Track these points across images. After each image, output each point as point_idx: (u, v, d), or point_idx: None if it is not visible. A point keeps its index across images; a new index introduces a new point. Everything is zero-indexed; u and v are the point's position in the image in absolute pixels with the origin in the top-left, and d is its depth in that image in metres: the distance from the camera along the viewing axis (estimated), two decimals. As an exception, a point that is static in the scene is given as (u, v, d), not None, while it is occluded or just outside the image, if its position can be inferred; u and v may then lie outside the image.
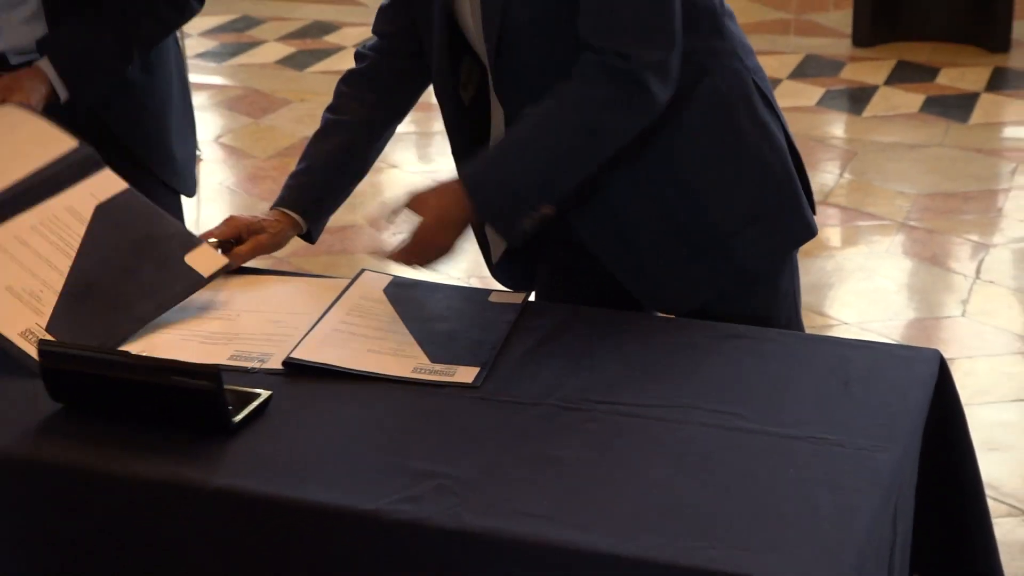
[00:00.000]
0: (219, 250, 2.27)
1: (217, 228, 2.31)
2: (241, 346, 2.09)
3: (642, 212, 2.24)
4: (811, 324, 2.43)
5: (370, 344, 2.07)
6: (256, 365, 2.04)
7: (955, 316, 4.10)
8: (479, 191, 2.12)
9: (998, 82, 6.21)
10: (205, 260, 2.27)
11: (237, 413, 1.89)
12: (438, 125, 5.78)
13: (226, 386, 1.87)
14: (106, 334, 2.11)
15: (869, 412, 1.91)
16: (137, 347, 2.08)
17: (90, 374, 1.92)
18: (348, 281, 2.29)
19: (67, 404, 1.95)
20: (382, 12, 2.44)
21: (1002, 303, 4.18)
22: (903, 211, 4.79)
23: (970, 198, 4.87)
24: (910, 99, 5.99)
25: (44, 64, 2.45)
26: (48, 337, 2.07)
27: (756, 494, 1.73)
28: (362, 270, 2.33)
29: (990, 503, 2.13)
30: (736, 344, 2.08)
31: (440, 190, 2.15)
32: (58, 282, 2.17)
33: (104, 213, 2.29)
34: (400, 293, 2.24)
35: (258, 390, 1.96)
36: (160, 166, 2.74)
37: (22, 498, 1.88)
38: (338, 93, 2.44)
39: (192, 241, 2.29)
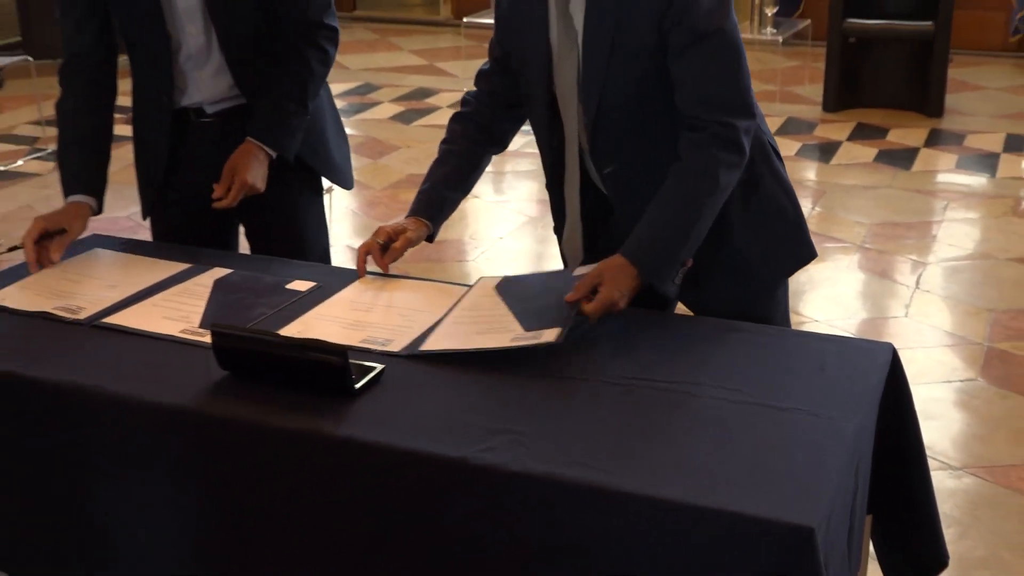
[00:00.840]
0: (382, 251, 2.25)
1: (373, 237, 2.26)
2: (372, 332, 2.06)
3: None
4: (791, 321, 2.41)
5: (478, 328, 2.03)
6: (380, 348, 2.00)
7: (899, 317, 4.08)
8: (649, 270, 2.04)
9: (934, 140, 6.18)
10: (299, 285, 2.29)
11: (358, 381, 1.88)
12: (509, 166, 5.86)
13: (351, 361, 1.86)
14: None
15: (838, 390, 1.88)
16: (294, 328, 2.07)
17: (249, 349, 1.91)
18: (463, 286, 2.25)
19: (231, 371, 1.94)
20: (483, 75, 2.37)
21: (935, 307, 4.16)
22: (860, 236, 4.77)
23: (912, 227, 4.86)
24: (866, 152, 5.98)
25: (256, 142, 2.42)
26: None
27: (751, 451, 1.70)
28: (480, 278, 2.27)
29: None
30: (740, 337, 2.05)
31: (616, 268, 2.03)
32: (199, 313, 2.17)
33: (220, 282, 2.31)
34: (508, 286, 2.18)
35: (375, 364, 1.94)
36: (325, 169, 2.73)
37: (192, 446, 1.88)
38: (450, 129, 2.38)
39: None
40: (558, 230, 2.35)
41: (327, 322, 2.11)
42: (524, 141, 6.28)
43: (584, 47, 2.09)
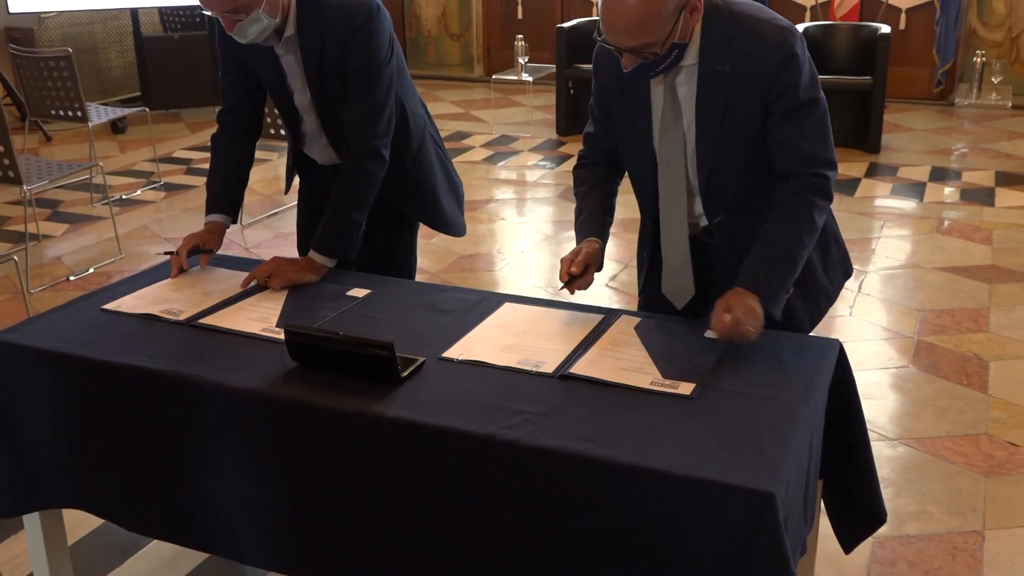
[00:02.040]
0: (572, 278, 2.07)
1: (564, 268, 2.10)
2: (526, 355, 1.93)
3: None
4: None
5: (621, 364, 1.90)
6: (534, 369, 1.87)
7: (845, 316, 4.03)
8: (767, 297, 1.96)
9: (872, 171, 6.10)
10: (356, 292, 2.25)
11: (404, 371, 1.85)
12: (529, 193, 5.83)
13: (397, 354, 1.83)
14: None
15: (795, 378, 1.85)
16: (456, 351, 1.95)
17: (315, 345, 1.89)
18: (596, 313, 2.11)
19: (301, 362, 1.91)
20: (589, 136, 2.25)
21: (874, 308, 4.11)
22: (813, 250, 4.70)
23: (855, 242, 4.80)
24: (818, 181, 5.89)
25: (318, 258, 2.35)
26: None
27: (721, 428, 1.67)
28: (620, 313, 2.12)
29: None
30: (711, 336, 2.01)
31: (741, 297, 1.94)
32: (276, 315, 2.15)
33: (293, 289, 2.29)
34: (645, 328, 2.05)
35: (417, 357, 1.91)
36: (438, 224, 2.68)
37: (268, 424, 1.85)
38: (577, 177, 2.26)
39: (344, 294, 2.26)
40: (650, 267, 2.24)
41: (485, 345, 1.98)
42: (541, 173, 6.28)
43: (698, 119, 2.00)
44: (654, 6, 1.83)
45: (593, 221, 2.18)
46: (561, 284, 2.10)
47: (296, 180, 2.73)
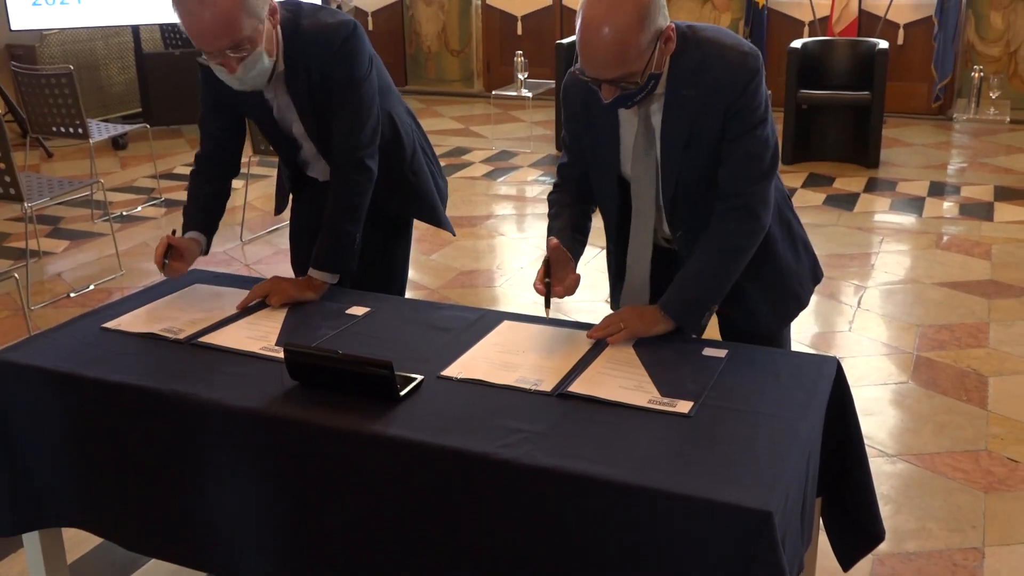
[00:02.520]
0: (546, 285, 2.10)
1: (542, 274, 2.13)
2: (524, 373, 1.94)
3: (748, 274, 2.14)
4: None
5: (620, 383, 1.90)
6: (532, 387, 1.88)
7: (844, 331, 4.03)
8: (682, 316, 2.04)
9: (871, 186, 6.11)
10: (355, 311, 2.26)
11: (402, 390, 1.86)
12: (528, 209, 5.84)
13: (396, 373, 1.84)
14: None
15: (792, 396, 1.85)
16: (455, 369, 1.96)
17: (314, 363, 1.89)
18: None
19: (300, 381, 1.92)
20: (563, 167, 2.27)
21: (873, 324, 4.11)
22: (812, 265, 4.71)
23: (854, 258, 4.80)
24: (817, 196, 5.92)
25: (316, 274, 2.36)
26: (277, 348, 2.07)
27: (720, 446, 1.68)
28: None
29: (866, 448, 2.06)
30: (711, 352, 2.02)
31: (641, 313, 2.07)
32: (275, 333, 2.16)
33: (292, 308, 2.29)
34: (643, 347, 2.04)
35: (416, 375, 1.92)
36: (432, 220, 2.74)
37: (268, 442, 1.86)
38: (551, 201, 2.28)
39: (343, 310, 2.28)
40: (616, 283, 2.30)
41: (483, 363, 1.98)
42: (541, 188, 6.30)
43: (663, 142, 2.04)
44: (633, 37, 1.85)
45: (563, 236, 2.19)
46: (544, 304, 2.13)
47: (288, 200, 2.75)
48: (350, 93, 2.34)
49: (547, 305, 2.12)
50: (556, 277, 2.10)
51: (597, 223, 2.29)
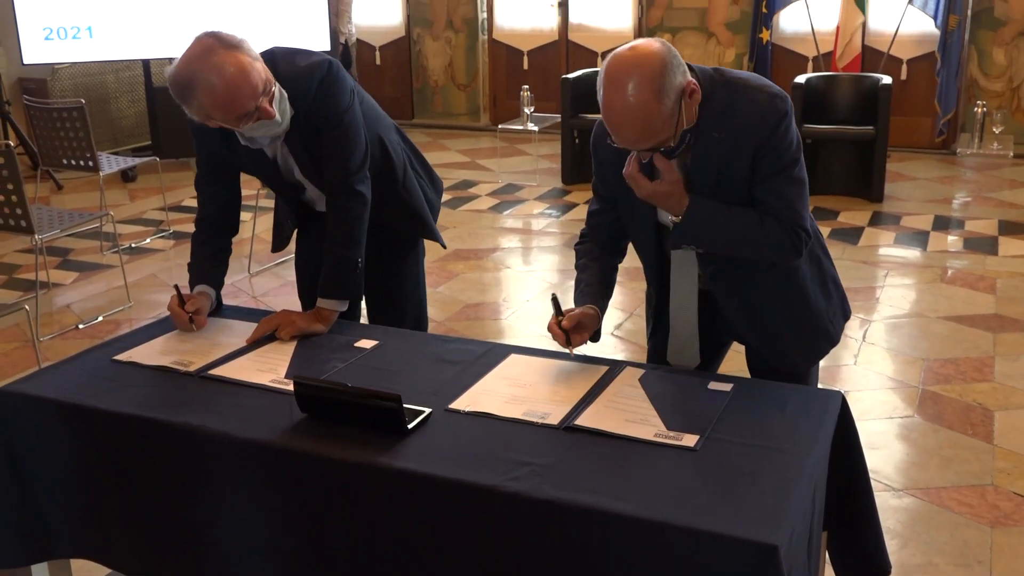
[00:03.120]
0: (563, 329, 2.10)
1: (558, 317, 2.14)
2: (532, 406, 1.94)
3: (775, 311, 2.17)
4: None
5: (626, 416, 1.89)
6: (540, 420, 1.89)
7: (850, 365, 4.04)
8: (692, 206, 2.01)
9: (876, 220, 6.14)
10: (364, 344, 2.28)
11: (410, 422, 1.87)
12: (535, 242, 5.87)
13: (404, 406, 1.85)
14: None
15: (798, 430, 1.86)
16: (463, 402, 1.98)
17: (323, 396, 1.91)
18: (600, 365, 2.13)
19: (309, 414, 1.94)
20: (592, 214, 2.28)
21: (878, 357, 4.12)
22: (817, 299, 4.71)
23: (859, 291, 4.82)
24: (822, 230, 5.88)
25: (323, 303, 2.40)
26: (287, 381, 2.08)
27: (726, 479, 1.69)
28: (625, 365, 2.14)
29: (872, 482, 2.07)
30: (716, 386, 2.03)
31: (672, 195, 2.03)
32: (284, 366, 2.18)
33: (301, 341, 2.32)
34: (649, 380, 2.06)
35: (424, 408, 1.93)
36: (427, 235, 2.79)
37: (277, 474, 1.87)
38: (578, 251, 2.31)
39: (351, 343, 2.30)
40: (657, 327, 2.29)
41: (491, 396, 2.00)
42: (547, 222, 6.33)
43: (693, 184, 2.03)
44: (655, 107, 1.87)
45: (591, 291, 2.21)
46: (563, 343, 2.13)
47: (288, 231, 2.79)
48: (335, 128, 2.39)
49: (569, 343, 2.12)
50: (576, 330, 2.12)
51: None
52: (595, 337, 2.19)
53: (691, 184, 2.04)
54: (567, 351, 2.13)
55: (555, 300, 2.12)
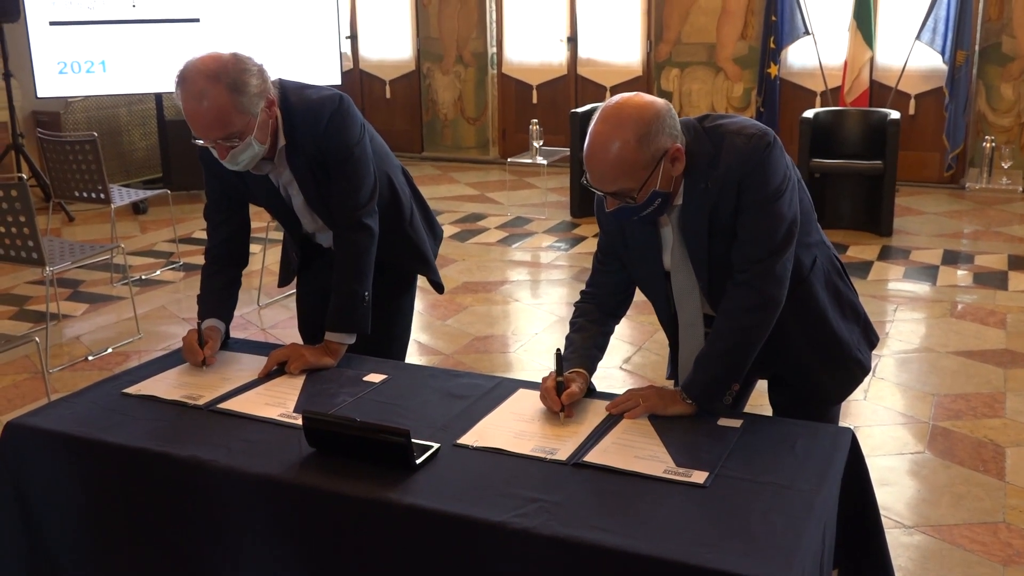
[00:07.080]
0: (558, 392, 2.08)
1: (548, 381, 2.12)
2: (540, 442, 1.95)
3: (795, 337, 2.17)
4: (764, 402, 2.38)
5: (635, 452, 1.90)
6: (549, 456, 1.90)
7: (860, 400, 4.02)
8: (701, 397, 2.04)
9: (885, 254, 6.14)
10: (373, 378, 2.29)
11: (418, 458, 1.87)
12: (543, 275, 5.88)
13: (412, 440, 1.85)
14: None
15: (808, 467, 1.86)
16: (471, 437, 1.98)
17: (332, 431, 1.91)
18: (608, 401, 2.12)
19: (318, 448, 1.94)
20: (597, 272, 2.29)
21: (888, 392, 4.10)
22: (826, 333, 4.70)
23: (868, 326, 4.80)
24: (830, 264, 5.92)
25: (331, 336, 2.40)
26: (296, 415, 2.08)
27: (735, 517, 1.68)
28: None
29: (882, 519, 2.06)
30: (725, 423, 2.04)
31: (661, 394, 2.08)
32: (293, 400, 2.18)
33: (310, 375, 2.32)
34: (658, 416, 2.05)
35: (432, 443, 1.93)
36: (427, 273, 2.80)
37: (286, 508, 1.87)
38: (578, 309, 2.30)
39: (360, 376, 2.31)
40: (674, 369, 2.30)
41: (499, 431, 2.00)
42: (555, 256, 6.35)
43: (684, 236, 2.07)
44: (629, 153, 1.91)
45: (582, 354, 2.20)
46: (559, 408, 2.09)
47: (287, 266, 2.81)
48: (345, 163, 2.41)
49: (562, 409, 2.08)
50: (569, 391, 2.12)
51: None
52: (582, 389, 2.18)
53: (685, 240, 2.07)
54: (557, 413, 2.09)
55: (558, 357, 2.12)
